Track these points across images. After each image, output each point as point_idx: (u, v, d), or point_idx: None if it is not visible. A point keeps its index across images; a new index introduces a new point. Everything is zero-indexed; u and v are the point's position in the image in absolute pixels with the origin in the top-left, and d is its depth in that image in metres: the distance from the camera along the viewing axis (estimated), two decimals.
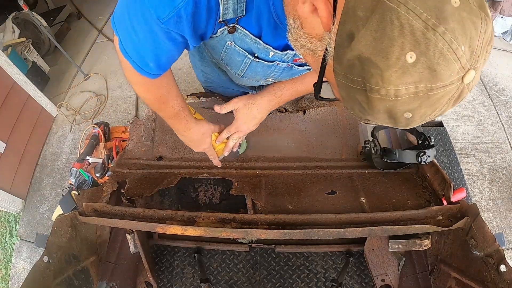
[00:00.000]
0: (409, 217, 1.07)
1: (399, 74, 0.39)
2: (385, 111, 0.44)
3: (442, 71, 0.38)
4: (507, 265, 0.90)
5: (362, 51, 0.40)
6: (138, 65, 0.79)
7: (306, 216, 1.08)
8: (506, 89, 3.21)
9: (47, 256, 1.05)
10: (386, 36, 0.38)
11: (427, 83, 0.39)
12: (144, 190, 1.27)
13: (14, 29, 3.26)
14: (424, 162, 1.16)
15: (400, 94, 0.41)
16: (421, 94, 0.41)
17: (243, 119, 1.16)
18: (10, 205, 2.67)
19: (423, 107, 0.42)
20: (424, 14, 0.37)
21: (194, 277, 1.58)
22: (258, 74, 0.98)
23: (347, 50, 0.42)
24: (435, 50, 0.37)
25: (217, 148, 1.23)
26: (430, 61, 0.38)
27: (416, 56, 0.38)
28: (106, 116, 3.21)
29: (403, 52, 0.38)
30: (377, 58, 0.39)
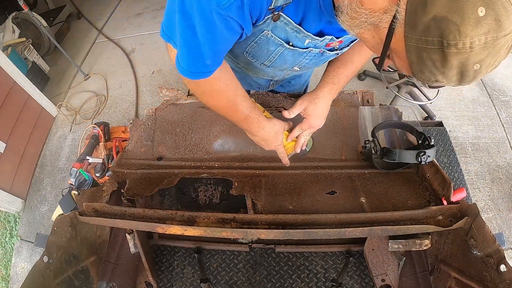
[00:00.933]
0: (409, 217, 1.07)
1: (473, 26, 0.46)
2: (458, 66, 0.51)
3: (505, 21, 0.46)
4: (507, 265, 0.90)
5: (438, 11, 0.46)
6: (194, 71, 0.81)
7: (306, 216, 1.08)
8: (506, 89, 3.21)
9: (47, 256, 1.04)
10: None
11: (494, 33, 0.46)
12: (144, 190, 1.27)
13: (14, 29, 3.26)
14: (424, 162, 1.16)
15: (474, 46, 0.47)
16: (490, 44, 0.48)
17: (314, 116, 1.16)
18: (10, 205, 2.67)
19: (490, 56, 0.49)
20: None
21: (194, 277, 1.58)
22: (287, 63, 0.99)
23: (421, 15, 0.48)
24: (499, 4, 0.44)
25: (287, 146, 1.21)
26: (496, 13, 0.45)
27: (486, 10, 0.45)
28: (106, 116, 3.21)
29: (475, 8, 0.45)
30: (453, 15, 0.46)
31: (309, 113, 1.17)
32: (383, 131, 1.40)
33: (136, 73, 3.50)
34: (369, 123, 1.40)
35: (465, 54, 0.49)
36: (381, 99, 3.05)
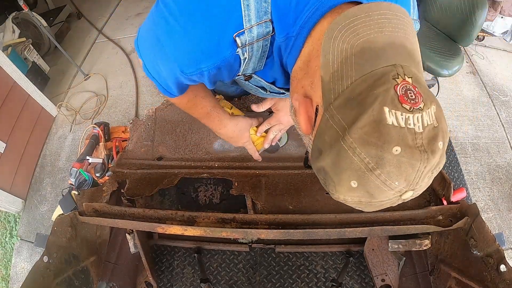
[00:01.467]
0: (409, 217, 1.07)
1: (346, 191, 0.51)
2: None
3: (378, 195, 0.49)
4: (507, 265, 0.90)
5: (325, 166, 0.51)
6: (162, 86, 0.82)
7: (306, 216, 1.08)
8: (506, 89, 3.21)
9: (47, 256, 1.05)
10: (339, 166, 0.49)
11: (367, 199, 0.50)
12: (144, 190, 1.27)
13: (14, 29, 3.26)
14: None
15: (347, 201, 0.54)
16: (364, 204, 0.53)
17: (283, 111, 1.16)
18: (10, 205, 2.66)
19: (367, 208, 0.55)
20: (367, 159, 0.46)
21: (194, 277, 1.58)
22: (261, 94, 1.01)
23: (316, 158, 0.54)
24: (372, 184, 0.47)
25: (256, 142, 1.21)
26: (367, 189, 0.48)
27: (358, 184, 0.48)
28: (106, 116, 3.20)
29: (349, 180, 0.49)
30: (334, 176, 0.51)
31: (278, 108, 1.16)
32: None
33: (136, 73, 3.50)
34: None
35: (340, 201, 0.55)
36: None
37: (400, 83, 0.45)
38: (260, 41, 0.63)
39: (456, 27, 2.54)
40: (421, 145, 0.45)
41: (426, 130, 0.46)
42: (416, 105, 0.45)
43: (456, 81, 3.23)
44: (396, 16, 0.50)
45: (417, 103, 0.45)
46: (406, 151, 0.45)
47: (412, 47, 0.50)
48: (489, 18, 3.25)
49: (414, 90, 0.46)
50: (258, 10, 0.58)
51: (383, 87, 0.45)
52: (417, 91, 0.46)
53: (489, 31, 3.44)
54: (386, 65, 0.47)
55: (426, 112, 0.46)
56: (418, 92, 0.46)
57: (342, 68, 0.49)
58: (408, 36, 0.50)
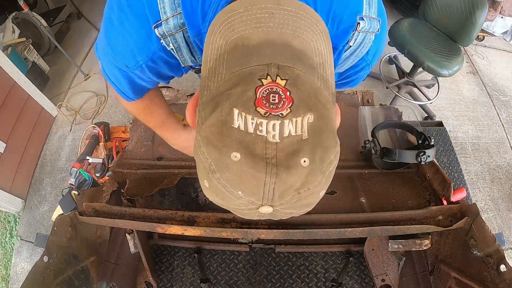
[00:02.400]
0: (409, 217, 1.07)
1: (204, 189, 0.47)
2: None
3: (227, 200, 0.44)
4: (507, 265, 0.90)
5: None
6: (119, 88, 0.83)
7: (306, 216, 1.08)
8: (506, 89, 3.21)
9: (47, 256, 1.04)
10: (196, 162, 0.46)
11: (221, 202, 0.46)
12: (144, 190, 1.27)
13: (14, 29, 3.26)
14: (424, 162, 1.16)
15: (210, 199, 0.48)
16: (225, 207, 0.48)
17: None
18: (10, 205, 2.66)
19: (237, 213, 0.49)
20: (209, 160, 0.42)
21: (194, 277, 1.58)
22: None
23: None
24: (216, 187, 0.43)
25: None
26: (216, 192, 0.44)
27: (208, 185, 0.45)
28: (106, 116, 3.20)
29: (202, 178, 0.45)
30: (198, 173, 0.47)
31: None
32: (383, 131, 1.40)
33: None
34: (369, 123, 1.41)
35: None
36: (381, 99, 3.05)
37: (265, 85, 0.41)
38: (180, 32, 0.62)
39: (456, 27, 2.54)
40: (272, 157, 0.40)
41: (286, 142, 0.40)
42: (275, 110, 0.40)
43: (456, 81, 3.23)
44: (286, 11, 0.45)
45: (277, 109, 0.40)
46: (247, 159, 0.40)
47: (304, 47, 0.45)
48: (489, 18, 3.25)
49: (281, 94, 0.41)
50: (171, 3, 0.58)
51: (243, 87, 0.41)
52: (288, 95, 0.41)
53: (489, 31, 3.44)
54: (258, 64, 0.42)
55: (292, 121, 0.40)
56: (288, 96, 0.41)
57: (216, 64, 0.46)
58: (300, 34, 0.45)
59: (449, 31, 2.61)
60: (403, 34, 2.56)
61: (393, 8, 3.80)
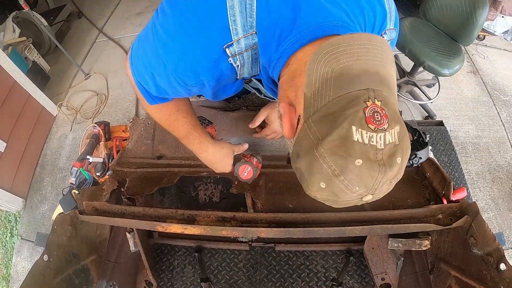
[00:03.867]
0: (409, 216, 1.07)
1: (316, 190, 0.60)
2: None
3: (342, 196, 0.58)
4: (506, 264, 0.90)
5: (301, 167, 0.60)
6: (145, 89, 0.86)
7: (306, 214, 1.08)
8: (507, 89, 3.20)
9: (47, 255, 1.05)
10: (312, 170, 0.58)
11: (333, 198, 0.59)
12: (144, 189, 1.27)
13: (14, 28, 3.26)
14: (416, 164, 1.17)
15: (317, 197, 0.63)
16: (330, 202, 0.62)
17: (276, 122, 1.25)
18: (10, 204, 2.67)
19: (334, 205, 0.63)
20: (333, 166, 0.54)
21: (194, 276, 1.58)
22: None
23: (295, 160, 0.62)
24: (337, 187, 0.56)
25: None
26: (333, 190, 0.57)
27: (326, 185, 0.57)
28: (107, 115, 3.21)
29: (319, 181, 0.57)
30: (307, 177, 0.60)
31: (271, 120, 1.26)
32: None
33: None
34: None
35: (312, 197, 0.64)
36: None
37: (369, 106, 0.53)
38: (249, 51, 0.70)
39: (457, 26, 2.54)
40: (381, 159, 0.53)
41: (387, 147, 0.54)
42: (380, 126, 0.53)
43: (456, 81, 3.23)
44: (375, 46, 0.58)
45: (381, 124, 0.53)
46: (366, 163, 0.53)
47: (386, 74, 0.57)
48: (489, 18, 3.25)
49: (381, 113, 0.53)
50: (244, 25, 0.66)
51: (354, 108, 0.53)
52: (384, 113, 0.53)
53: (489, 30, 3.43)
54: (360, 89, 0.54)
55: (389, 132, 0.54)
56: (384, 114, 0.53)
57: (322, 87, 0.57)
58: (384, 64, 0.58)
59: (450, 30, 2.60)
60: (404, 34, 2.56)
61: None
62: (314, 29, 0.65)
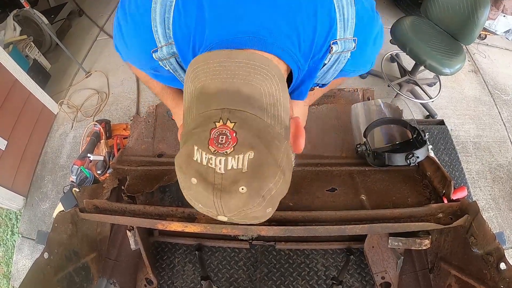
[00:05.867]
0: (409, 215, 1.07)
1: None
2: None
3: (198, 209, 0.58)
4: (507, 263, 0.89)
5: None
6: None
7: (306, 213, 1.08)
8: (508, 88, 3.20)
9: (48, 253, 1.05)
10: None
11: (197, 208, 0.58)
12: (145, 187, 1.27)
13: (15, 26, 3.26)
14: (414, 163, 1.17)
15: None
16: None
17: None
18: (11, 203, 2.68)
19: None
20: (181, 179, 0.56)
21: (195, 274, 1.59)
22: None
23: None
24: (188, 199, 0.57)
25: None
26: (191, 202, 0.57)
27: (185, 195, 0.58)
28: (107, 113, 3.21)
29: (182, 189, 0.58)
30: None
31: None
32: (377, 129, 1.39)
33: None
34: (362, 121, 1.39)
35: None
36: (382, 97, 3.04)
37: (217, 127, 0.52)
38: (173, 58, 0.73)
39: (458, 25, 2.53)
40: (219, 184, 0.52)
41: (229, 173, 0.51)
42: (221, 149, 0.51)
43: (458, 80, 3.23)
44: (236, 63, 0.56)
45: (223, 148, 0.51)
46: (201, 183, 0.53)
47: (251, 92, 0.55)
48: (491, 17, 3.24)
49: (229, 135, 0.51)
50: (163, 35, 0.70)
51: (202, 128, 0.53)
52: (234, 136, 0.51)
53: (491, 29, 3.43)
54: (215, 109, 0.53)
55: (234, 157, 0.51)
56: (234, 137, 0.51)
57: (190, 105, 0.58)
58: (250, 81, 0.55)
59: (451, 29, 2.60)
60: (405, 33, 2.56)
61: (395, 6, 3.79)
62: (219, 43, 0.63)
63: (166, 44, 0.71)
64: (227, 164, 0.51)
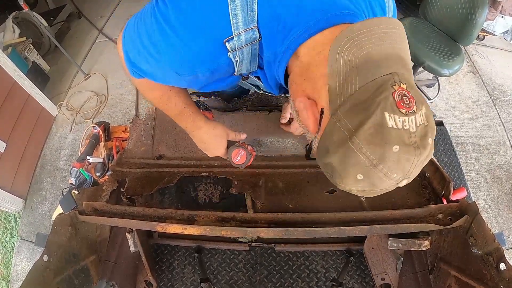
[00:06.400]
0: (409, 216, 1.07)
1: (352, 183, 0.59)
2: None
3: (379, 185, 0.58)
4: (506, 263, 0.90)
5: (332, 162, 0.59)
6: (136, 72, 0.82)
7: (306, 214, 1.08)
8: (507, 89, 3.21)
9: (47, 255, 1.04)
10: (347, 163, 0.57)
11: (370, 188, 0.59)
12: (144, 189, 1.27)
13: (14, 28, 3.26)
14: None
15: (352, 190, 0.62)
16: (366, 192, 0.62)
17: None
18: (10, 205, 2.67)
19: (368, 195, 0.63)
20: (371, 156, 0.54)
21: (194, 276, 1.58)
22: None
23: (324, 155, 0.61)
24: (375, 176, 0.56)
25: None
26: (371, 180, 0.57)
27: (363, 176, 0.57)
28: (107, 115, 3.21)
29: (355, 174, 0.57)
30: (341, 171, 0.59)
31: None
32: None
33: None
34: None
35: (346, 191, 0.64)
36: None
37: (397, 90, 0.53)
38: (249, 46, 0.69)
39: (456, 26, 2.54)
40: (414, 142, 0.54)
41: (419, 129, 0.54)
42: (410, 109, 0.53)
43: (456, 81, 3.23)
44: (393, 29, 0.58)
45: (411, 107, 0.53)
46: (403, 148, 0.53)
47: (405, 56, 0.58)
48: (489, 18, 3.25)
49: (408, 95, 0.53)
50: (245, 19, 0.65)
51: (383, 94, 0.53)
52: (411, 95, 0.54)
53: (489, 30, 3.43)
54: (385, 74, 0.54)
55: (419, 114, 0.54)
56: (411, 97, 0.54)
57: (347, 77, 0.56)
58: (402, 47, 0.58)
59: (450, 30, 2.60)
60: None
61: None
62: (320, 19, 0.64)
63: (245, 30, 0.66)
64: (416, 122, 0.53)
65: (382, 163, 0.54)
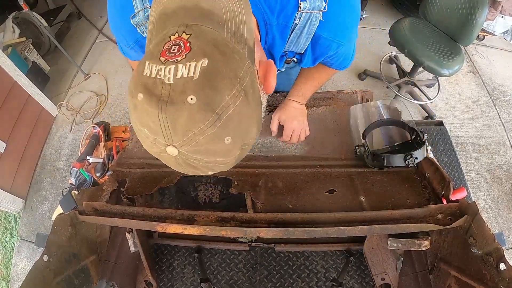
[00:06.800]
0: (409, 216, 1.07)
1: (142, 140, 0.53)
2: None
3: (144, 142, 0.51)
4: (506, 264, 0.89)
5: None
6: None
7: (306, 214, 1.08)
8: (507, 89, 3.21)
9: (47, 255, 1.05)
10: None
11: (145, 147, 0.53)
12: (144, 189, 1.27)
13: (14, 29, 3.26)
14: (412, 164, 1.17)
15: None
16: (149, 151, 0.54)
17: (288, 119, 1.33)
18: (10, 205, 2.67)
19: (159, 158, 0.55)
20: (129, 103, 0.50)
21: (194, 276, 1.58)
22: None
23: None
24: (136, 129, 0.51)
25: None
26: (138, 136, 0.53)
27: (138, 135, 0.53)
28: (107, 115, 3.21)
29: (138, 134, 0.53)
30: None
31: (283, 119, 1.33)
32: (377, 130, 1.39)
33: None
34: (361, 122, 1.39)
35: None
36: (381, 98, 3.04)
37: (172, 40, 0.47)
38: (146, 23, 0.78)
39: (456, 26, 2.54)
40: (166, 96, 0.45)
41: (178, 82, 0.45)
42: (172, 57, 0.46)
43: (456, 81, 3.23)
44: None
45: (174, 56, 0.46)
46: (146, 98, 0.46)
47: (210, 7, 0.52)
48: (489, 18, 3.25)
49: (183, 45, 0.46)
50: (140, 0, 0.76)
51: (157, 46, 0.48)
52: (187, 46, 0.46)
53: (489, 30, 3.44)
54: (172, 26, 0.49)
55: (185, 65, 0.45)
56: (187, 47, 0.46)
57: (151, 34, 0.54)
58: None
59: (450, 30, 2.61)
60: (404, 34, 2.57)
61: (393, 8, 3.80)
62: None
63: (142, 8, 0.76)
64: (176, 73, 0.45)
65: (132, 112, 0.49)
